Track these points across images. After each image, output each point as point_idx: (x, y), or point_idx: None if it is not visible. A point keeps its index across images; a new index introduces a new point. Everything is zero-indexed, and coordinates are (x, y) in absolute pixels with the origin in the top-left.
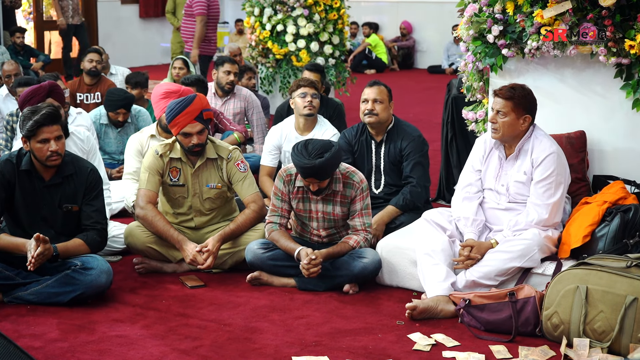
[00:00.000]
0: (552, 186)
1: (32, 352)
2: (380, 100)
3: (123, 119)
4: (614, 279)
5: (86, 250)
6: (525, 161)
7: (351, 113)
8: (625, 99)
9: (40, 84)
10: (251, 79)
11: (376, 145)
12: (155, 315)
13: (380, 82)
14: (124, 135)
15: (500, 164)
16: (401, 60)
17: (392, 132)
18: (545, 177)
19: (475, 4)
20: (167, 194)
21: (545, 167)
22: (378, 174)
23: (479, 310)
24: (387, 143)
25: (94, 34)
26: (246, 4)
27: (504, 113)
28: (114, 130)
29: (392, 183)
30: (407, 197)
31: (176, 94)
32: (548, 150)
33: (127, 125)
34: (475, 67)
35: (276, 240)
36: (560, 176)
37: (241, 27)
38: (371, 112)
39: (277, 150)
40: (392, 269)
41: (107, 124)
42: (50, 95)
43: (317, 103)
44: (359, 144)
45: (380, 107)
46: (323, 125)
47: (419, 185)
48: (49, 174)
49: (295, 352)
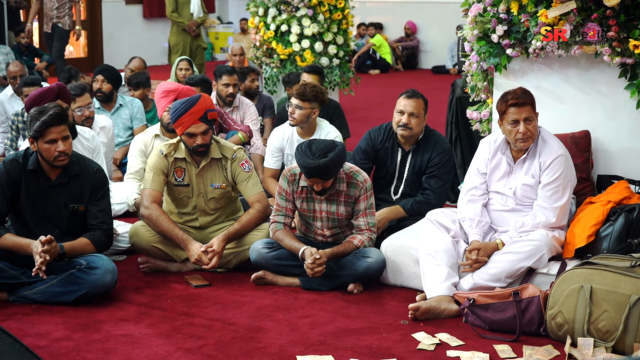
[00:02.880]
0: (560, 189)
1: (38, 351)
2: (417, 114)
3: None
4: (618, 279)
5: (92, 249)
6: (534, 164)
7: (357, 113)
8: (629, 98)
9: (49, 86)
10: (254, 80)
11: (403, 154)
12: (160, 315)
13: (418, 93)
14: (117, 119)
15: (509, 169)
16: (405, 61)
17: (421, 142)
18: (553, 180)
19: (479, 4)
20: (172, 193)
21: (554, 170)
22: (399, 182)
23: (483, 310)
24: (415, 154)
25: (98, 35)
26: (250, 4)
27: (531, 119)
28: (107, 113)
29: (411, 194)
30: (416, 205)
31: (175, 92)
32: (556, 152)
33: (120, 109)
34: (480, 67)
35: (280, 239)
36: (567, 179)
37: (245, 26)
38: (405, 126)
39: (280, 152)
40: (396, 269)
41: (100, 107)
42: (59, 97)
43: (300, 114)
44: (384, 149)
45: (416, 122)
46: (324, 128)
47: (435, 200)
48: (55, 174)
49: (299, 351)
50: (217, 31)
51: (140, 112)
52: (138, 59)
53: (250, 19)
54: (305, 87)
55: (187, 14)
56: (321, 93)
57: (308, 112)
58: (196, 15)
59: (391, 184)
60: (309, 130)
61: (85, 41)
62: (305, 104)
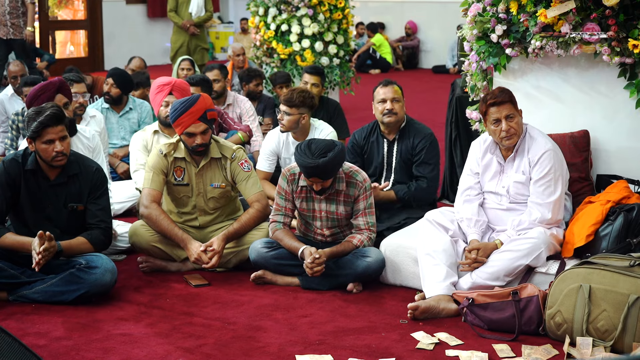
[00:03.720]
0: (552, 183)
1: (37, 350)
2: (398, 99)
3: (115, 93)
4: (617, 278)
5: (90, 248)
6: (523, 161)
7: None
8: (628, 98)
9: (50, 80)
10: (259, 85)
11: (388, 144)
12: (160, 314)
13: (393, 81)
14: (125, 121)
15: (500, 168)
16: (406, 60)
17: (404, 130)
18: (544, 175)
19: (479, 4)
20: (172, 193)
21: (543, 165)
22: (388, 172)
23: (482, 309)
24: (399, 141)
25: (98, 34)
26: (251, 4)
27: (512, 116)
28: (115, 115)
29: (401, 181)
30: (410, 192)
31: (169, 85)
32: (544, 147)
33: (129, 112)
34: (479, 66)
35: (280, 239)
36: (558, 172)
37: (246, 26)
38: (391, 112)
39: (274, 156)
40: (395, 268)
41: (108, 108)
42: (60, 91)
43: (288, 120)
44: (368, 144)
45: (399, 106)
46: (318, 127)
47: (429, 184)
48: (54, 174)
49: (299, 350)
50: (218, 31)
51: (149, 116)
52: (138, 59)
53: (251, 19)
54: (293, 92)
55: (186, 14)
56: (309, 98)
57: (297, 118)
58: (195, 15)
59: (381, 176)
60: (302, 133)
61: (85, 41)
62: (293, 110)
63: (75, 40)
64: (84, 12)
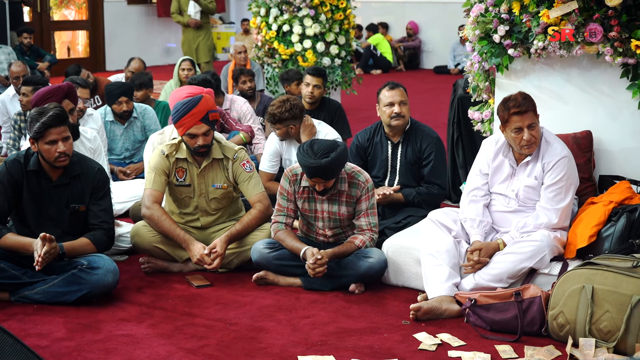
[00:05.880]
0: (563, 190)
1: (39, 351)
2: (405, 101)
3: (127, 108)
4: (619, 279)
5: (92, 249)
6: (537, 166)
7: (359, 113)
8: (631, 99)
9: (59, 85)
10: (246, 82)
11: (393, 146)
12: (162, 315)
13: (399, 84)
14: (129, 132)
15: (512, 171)
16: (407, 61)
17: (409, 132)
18: (557, 182)
19: (481, 4)
20: (173, 194)
21: (557, 172)
22: (393, 174)
23: (485, 310)
24: (404, 144)
25: (99, 34)
26: (252, 4)
27: (534, 125)
28: (120, 127)
29: (407, 183)
30: (419, 195)
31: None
32: (559, 154)
33: (133, 122)
34: (481, 67)
35: (282, 239)
36: (570, 180)
37: (247, 27)
38: (399, 115)
39: (277, 157)
40: (398, 269)
41: (113, 121)
42: (67, 97)
43: (279, 133)
44: (372, 146)
45: (406, 109)
46: (322, 131)
47: (440, 191)
48: (56, 174)
49: (301, 351)
50: (219, 31)
51: (154, 123)
52: (137, 60)
53: (252, 19)
54: (274, 111)
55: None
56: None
57: (285, 131)
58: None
59: (385, 178)
60: (303, 137)
61: (87, 41)
62: (279, 126)
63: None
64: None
